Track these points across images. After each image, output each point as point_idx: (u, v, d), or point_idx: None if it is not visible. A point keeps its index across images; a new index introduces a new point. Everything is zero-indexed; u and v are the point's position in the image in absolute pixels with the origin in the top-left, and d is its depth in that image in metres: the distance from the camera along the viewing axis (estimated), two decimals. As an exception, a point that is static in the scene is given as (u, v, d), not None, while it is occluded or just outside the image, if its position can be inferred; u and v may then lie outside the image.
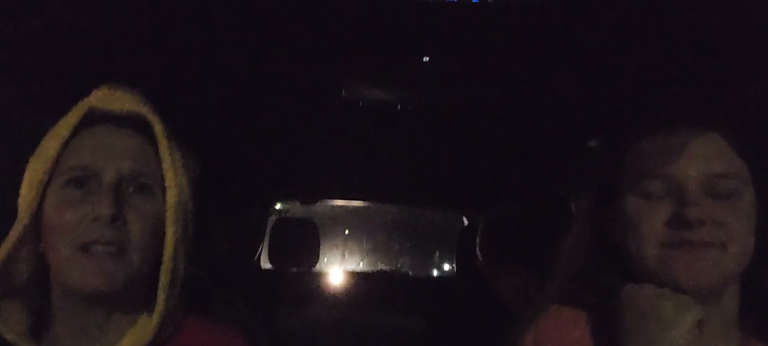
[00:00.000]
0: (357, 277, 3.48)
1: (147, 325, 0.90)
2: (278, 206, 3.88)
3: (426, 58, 1.43)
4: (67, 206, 0.85)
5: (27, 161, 0.90)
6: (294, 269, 2.91)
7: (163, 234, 0.89)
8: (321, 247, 2.94)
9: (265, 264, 3.02)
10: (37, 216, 0.87)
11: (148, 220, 0.87)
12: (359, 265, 7.74)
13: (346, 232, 7.78)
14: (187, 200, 0.92)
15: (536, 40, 1.13)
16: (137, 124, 0.92)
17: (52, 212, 0.86)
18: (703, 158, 0.88)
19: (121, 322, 0.91)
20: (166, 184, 0.90)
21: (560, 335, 0.92)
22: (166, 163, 0.90)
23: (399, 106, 1.62)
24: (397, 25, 1.12)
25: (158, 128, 0.91)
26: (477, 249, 1.96)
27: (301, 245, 2.88)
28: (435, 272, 7.29)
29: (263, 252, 3.01)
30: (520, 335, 0.95)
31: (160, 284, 0.89)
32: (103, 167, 0.86)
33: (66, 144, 0.89)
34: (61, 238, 0.84)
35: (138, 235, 0.86)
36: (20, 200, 0.88)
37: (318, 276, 3.08)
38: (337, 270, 3.67)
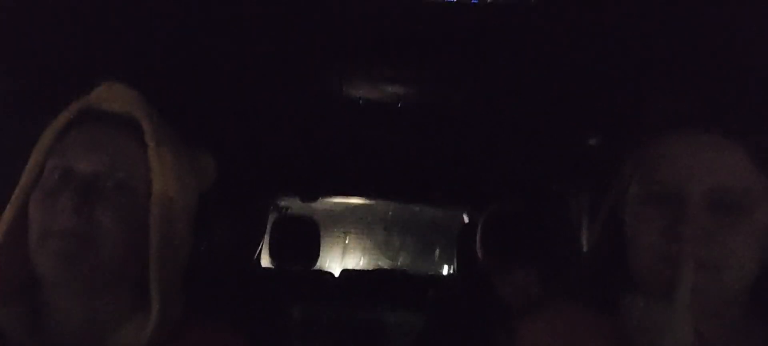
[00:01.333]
0: (357, 275, 3.49)
1: (143, 325, 0.90)
2: (278, 204, 3.89)
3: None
4: (44, 197, 0.87)
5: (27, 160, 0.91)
6: (294, 267, 2.91)
7: (146, 232, 0.89)
8: (321, 245, 2.95)
9: (265, 262, 3.02)
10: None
11: (121, 213, 0.87)
12: (359, 263, 7.73)
13: (346, 230, 7.77)
14: (174, 200, 0.92)
15: (536, 39, 1.13)
16: (129, 124, 0.92)
17: (32, 203, 0.87)
18: (710, 168, 0.81)
19: (112, 320, 0.91)
20: (151, 184, 0.90)
21: (562, 331, 0.91)
22: (153, 163, 0.90)
23: (399, 104, 1.62)
24: (397, 24, 1.12)
25: (146, 128, 0.91)
26: (477, 247, 1.97)
27: (301, 243, 2.88)
28: (435, 270, 7.28)
29: (263, 250, 3.01)
30: (522, 328, 0.93)
31: (151, 282, 0.89)
32: (79, 161, 0.88)
33: (61, 139, 0.90)
34: (33, 227, 0.86)
35: (106, 226, 0.86)
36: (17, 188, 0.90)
37: (318, 274, 3.08)
38: (337, 268, 3.67)
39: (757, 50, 1.04)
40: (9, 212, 0.88)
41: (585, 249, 0.99)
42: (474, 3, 1.00)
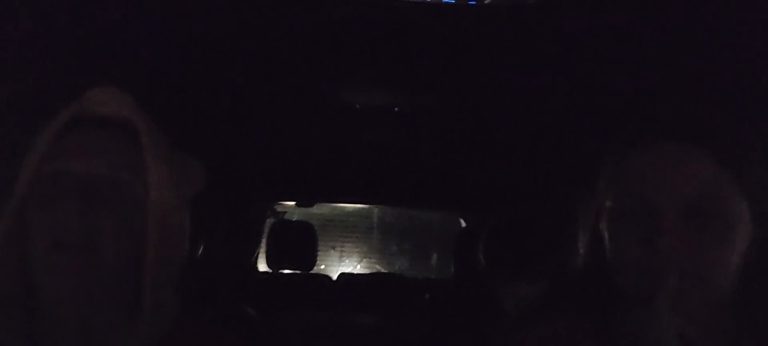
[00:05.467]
0: (354, 279, 3.48)
1: (137, 328, 0.90)
2: (275, 209, 3.88)
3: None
4: (43, 202, 0.86)
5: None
6: (291, 272, 2.91)
7: (143, 235, 0.89)
8: (318, 249, 2.94)
9: (262, 267, 3.01)
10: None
11: (120, 218, 0.87)
12: (356, 267, 7.74)
13: (343, 234, 7.77)
14: (171, 204, 0.92)
15: (533, 43, 1.13)
16: (125, 127, 0.92)
17: (30, 208, 0.87)
18: (683, 178, 0.81)
19: (107, 325, 0.91)
20: (148, 187, 0.90)
21: (558, 341, 0.91)
22: (150, 167, 0.90)
23: (396, 109, 1.62)
24: (394, 28, 1.12)
25: (143, 131, 0.91)
26: (480, 256, 1.96)
27: (299, 248, 2.88)
28: (432, 274, 7.28)
29: (260, 255, 3.01)
30: (519, 338, 0.93)
31: (146, 285, 0.89)
32: (76, 165, 0.87)
33: (55, 144, 0.90)
34: (35, 234, 0.85)
35: (106, 232, 0.86)
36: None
37: (315, 279, 3.07)
38: (334, 272, 3.67)
39: (728, 59, 1.05)
40: (7, 219, 0.87)
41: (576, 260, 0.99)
42: (472, 4, 1.00)
